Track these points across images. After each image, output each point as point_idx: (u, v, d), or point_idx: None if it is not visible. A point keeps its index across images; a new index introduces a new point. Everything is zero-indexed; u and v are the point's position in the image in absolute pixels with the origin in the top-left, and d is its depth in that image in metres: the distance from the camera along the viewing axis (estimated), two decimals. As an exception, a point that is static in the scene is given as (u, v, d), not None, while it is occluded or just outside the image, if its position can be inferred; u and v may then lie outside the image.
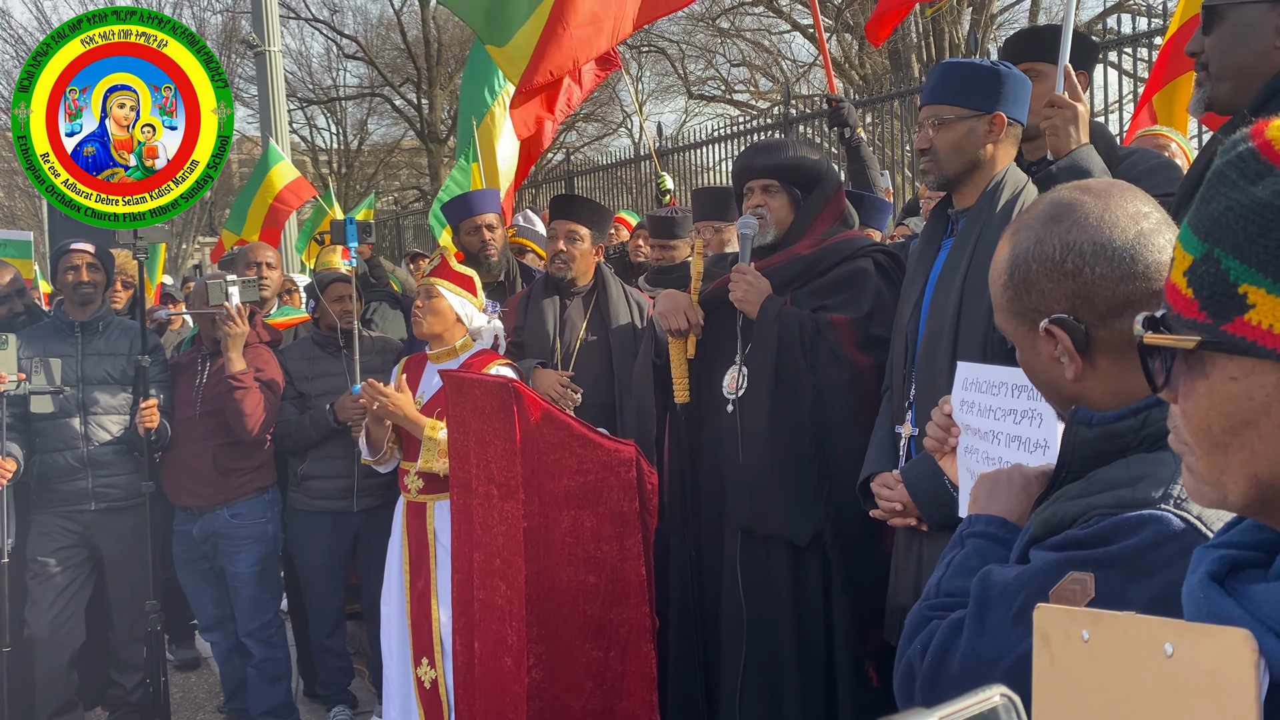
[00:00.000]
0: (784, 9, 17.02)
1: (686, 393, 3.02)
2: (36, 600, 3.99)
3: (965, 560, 1.32)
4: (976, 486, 1.41)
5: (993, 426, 1.64)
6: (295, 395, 4.16)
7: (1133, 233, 1.18)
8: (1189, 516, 1.06)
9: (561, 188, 11.82)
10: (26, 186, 26.88)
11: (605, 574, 3.03)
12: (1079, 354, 1.20)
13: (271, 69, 10.63)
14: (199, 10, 23.53)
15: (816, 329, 2.79)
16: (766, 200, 2.95)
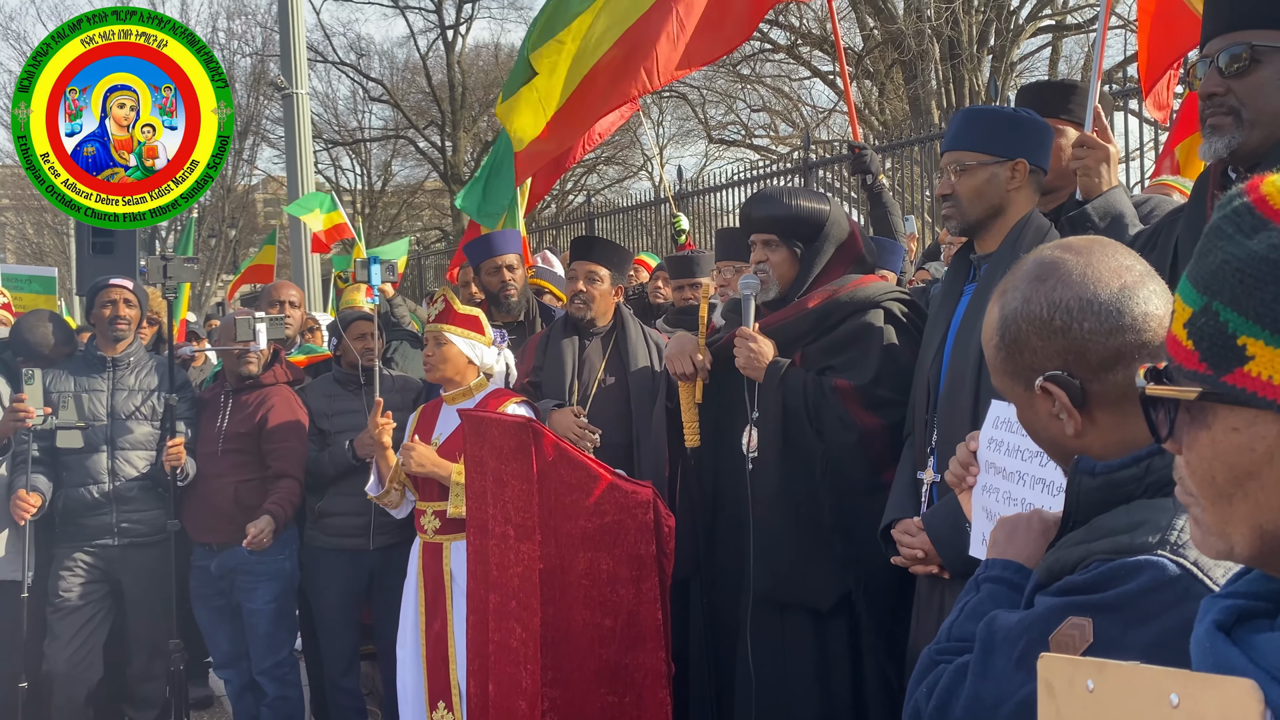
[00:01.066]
0: (805, 56, 17.18)
1: (697, 437, 3.01)
2: (56, 635, 3.99)
3: (979, 605, 1.33)
4: (996, 530, 1.42)
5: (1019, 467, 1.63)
6: (315, 432, 4.18)
7: (1116, 286, 1.20)
8: (1185, 562, 1.07)
9: (582, 229, 11.90)
10: (55, 224, 27.32)
11: (621, 617, 3.01)
12: (1077, 409, 1.21)
13: (299, 111, 10.81)
14: (229, 53, 23.98)
15: (821, 394, 2.75)
16: (767, 255, 2.91)
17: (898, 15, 14.43)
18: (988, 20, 14.30)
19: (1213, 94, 1.90)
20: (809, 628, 2.79)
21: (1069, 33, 15.68)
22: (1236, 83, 1.88)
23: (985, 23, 14.30)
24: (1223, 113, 1.90)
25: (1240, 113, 1.88)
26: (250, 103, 23.95)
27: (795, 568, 2.77)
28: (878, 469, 2.72)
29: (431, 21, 24.47)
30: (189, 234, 11.83)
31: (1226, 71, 1.88)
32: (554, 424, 3.51)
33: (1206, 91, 1.91)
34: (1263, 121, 1.87)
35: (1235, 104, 1.88)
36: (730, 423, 2.97)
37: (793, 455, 2.78)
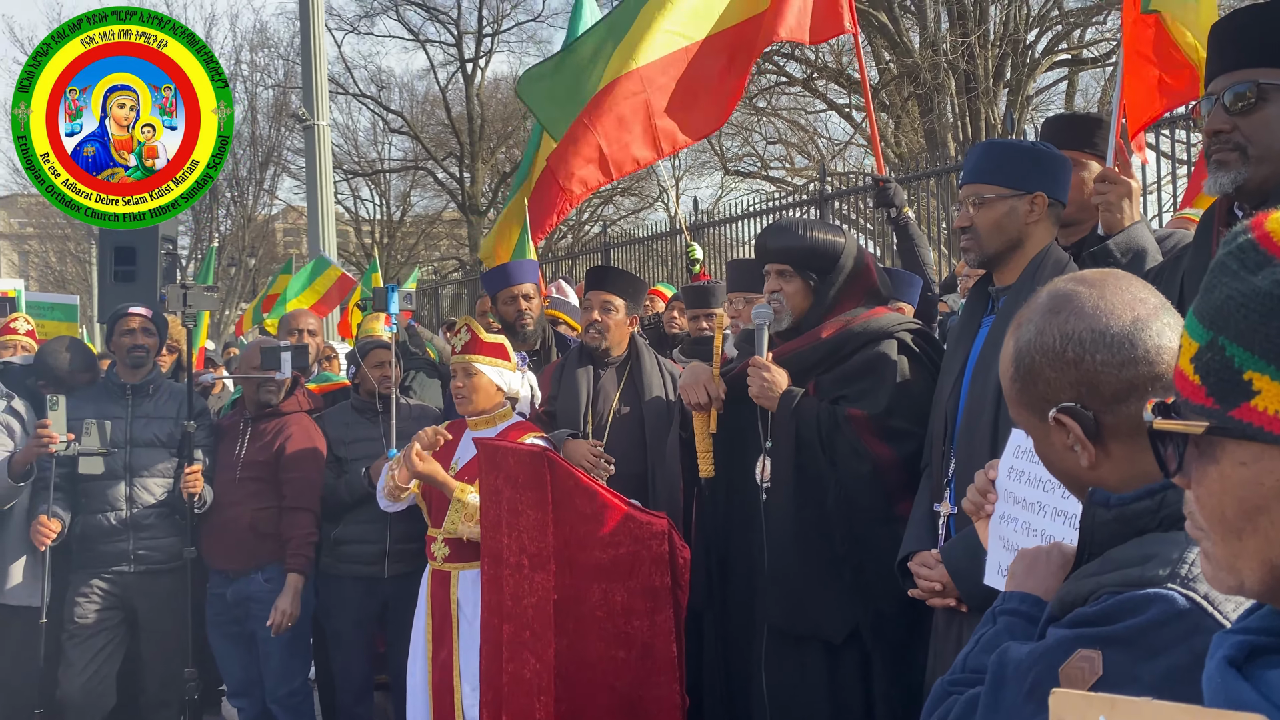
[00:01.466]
0: (820, 89, 17.28)
1: (711, 467, 3.00)
2: (71, 661, 3.99)
3: (995, 637, 1.32)
4: (1015, 562, 1.41)
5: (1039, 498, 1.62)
6: (332, 460, 4.19)
7: (1129, 318, 1.21)
8: (1195, 596, 1.06)
9: (598, 259, 11.95)
10: (78, 252, 27.65)
11: (636, 649, 2.99)
12: (1091, 441, 1.21)
13: (319, 142, 10.94)
14: (251, 85, 24.33)
15: (835, 424, 2.75)
16: (781, 285, 2.92)
17: (913, 49, 14.51)
18: (1004, 54, 14.36)
19: (1218, 131, 1.92)
20: (823, 659, 2.77)
21: (1085, 67, 15.73)
22: (1242, 120, 1.89)
23: (1001, 57, 14.36)
24: (1228, 149, 1.91)
25: (1246, 149, 1.89)
26: (272, 134, 24.26)
27: (808, 599, 2.76)
28: (891, 501, 2.71)
29: (451, 55, 24.79)
30: (209, 263, 11.93)
31: (1232, 109, 1.89)
32: (568, 453, 3.51)
33: (1212, 128, 1.92)
34: (1269, 158, 1.88)
35: (1241, 140, 1.89)
36: (744, 453, 2.97)
37: (806, 485, 2.78)
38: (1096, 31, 15.09)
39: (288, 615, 3.94)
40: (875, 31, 14.87)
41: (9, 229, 42.16)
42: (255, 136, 24.33)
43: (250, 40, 24.86)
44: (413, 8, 24.25)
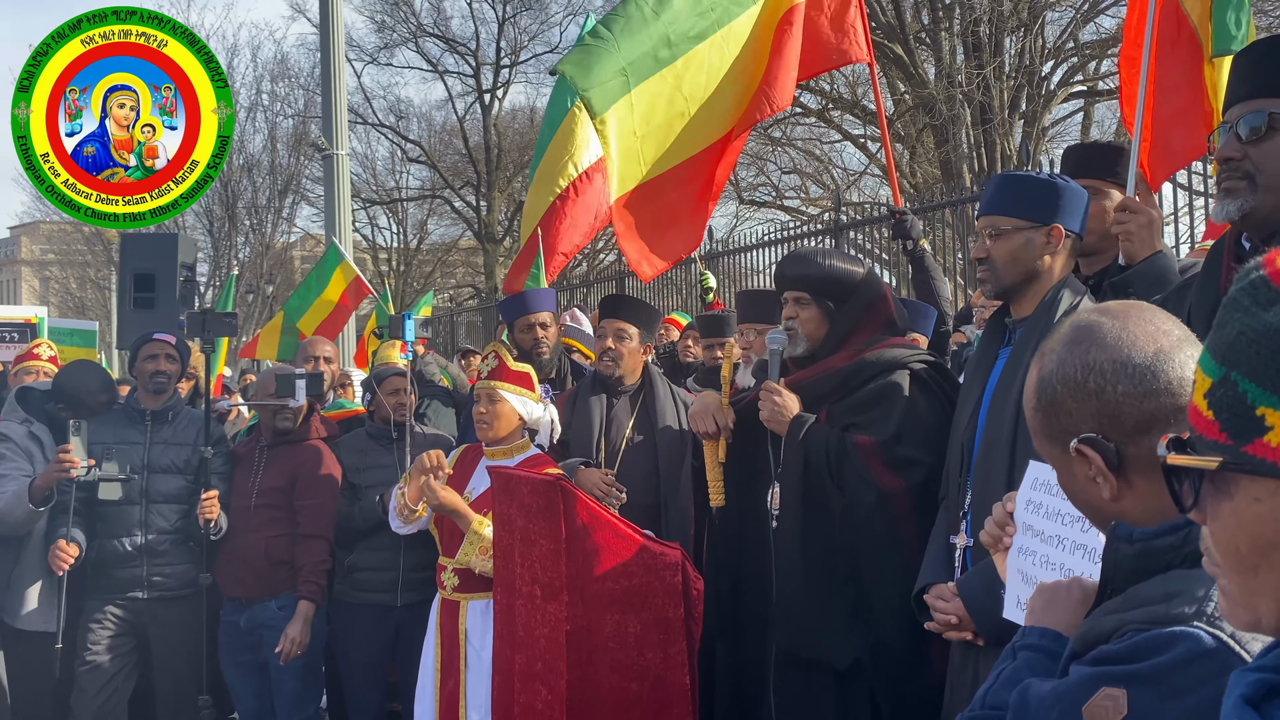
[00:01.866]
0: (835, 120, 17.36)
1: (721, 496, 3.01)
2: (83, 688, 3.98)
3: (1014, 673, 1.31)
4: (1034, 597, 1.40)
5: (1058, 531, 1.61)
6: (347, 487, 4.19)
7: (1152, 350, 1.20)
8: (1221, 635, 1.05)
9: (613, 287, 11.98)
10: (98, 279, 27.94)
11: (648, 682, 2.97)
12: (1112, 473, 1.21)
13: (338, 171, 11.03)
14: (272, 115, 24.63)
15: (843, 450, 2.75)
16: (798, 312, 2.93)
17: (929, 80, 14.57)
18: (1019, 86, 14.40)
19: (1229, 159, 1.91)
20: (830, 686, 2.76)
21: (1100, 99, 15.74)
22: (1254, 149, 1.89)
23: (1017, 88, 14.39)
24: (1238, 177, 1.91)
25: (1255, 178, 1.89)
26: (291, 162, 24.51)
27: (814, 625, 2.76)
28: (897, 529, 2.71)
29: (469, 85, 25.05)
30: (229, 291, 12.00)
31: (1245, 138, 1.89)
32: (581, 482, 3.50)
33: (1223, 156, 1.93)
34: (1276, 187, 1.87)
35: (1251, 169, 1.89)
36: (755, 481, 2.97)
37: (813, 511, 2.78)
38: (1112, 64, 15.11)
39: (297, 643, 3.93)
40: (891, 63, 14.95)
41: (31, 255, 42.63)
42: (275, 165, 24.60)
43: (271, 70, 25.20)
44: (432, 39, 24.57)
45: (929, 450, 2.71)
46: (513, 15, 24.21)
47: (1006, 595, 1.70)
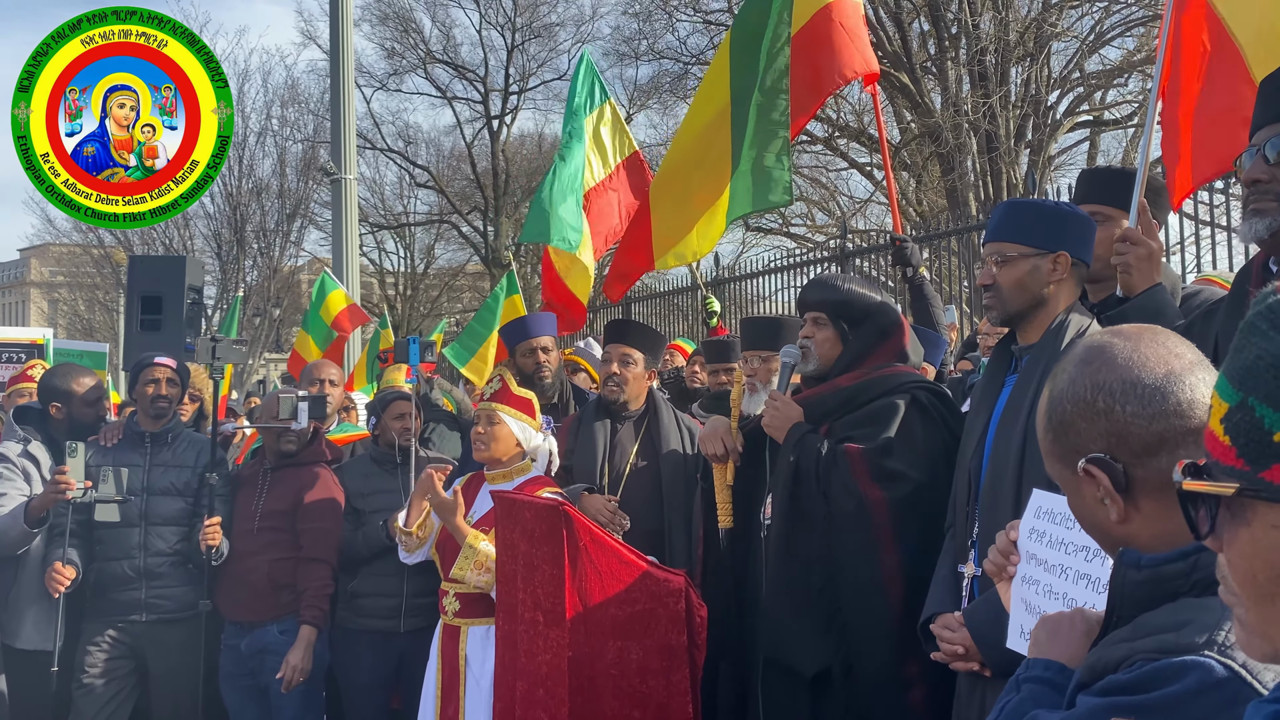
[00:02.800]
0: (841, 148, 17.43)
1: (730, 518, 3.04)
2: (81, 710, 3.96)
3: (1019, 706, 1.29)
4: (1037, 629, 1.39)
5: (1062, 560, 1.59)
6: (350, 511, 4.17)
7: (1162, 371, 1.20)
8: (1233, 664, 1.03)
9: (620, 313, 11.99)
10: (106, 301, 28.04)
11: (650, 709, 2.94)
12: (1120, 495, 1.20)
13: (346, 196, 11.08)
14: (281, 139, 24.80)
15: (833, 459, 2.78)
16: (815, 331, 2.98)
17: (935, 109, 14.64)
18: (1025, 115, 14.46)
19: (1256, 180, 1.90)
20: (808, 693, 2.77)
21: (1107, 128, 15.81)
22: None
23: (1023, 117, 14.45)
24: (1268, 199, 1.90)
25: None
26: (300, 187, 24.65)
27: (785, 630, 2.78)
28: (875, 542, 2.71)
29: (478, 111, 25.23)
30: (234, 313, 12.02)
31: (1273, 160, 1.88)
32: (584, 507, 3.49)
33: (1250, 178, 1.92)
34: None
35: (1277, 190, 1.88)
36: (754, 494, 3.01)
37: (798, 518, 2.81)
38: (1118, 94, 15.20)
39: (299, 670, 3.90)
40: (897, 92, 15.03)
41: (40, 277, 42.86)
42: (284, 189, 24.74)
43: (282, 96, 25.37)
44: (441, 66, 24.77)
45: (917, 468, 2.73)
46: (521, 43, 24.43)
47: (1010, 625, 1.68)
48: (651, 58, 19.22)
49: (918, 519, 2.70)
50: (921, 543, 2.67)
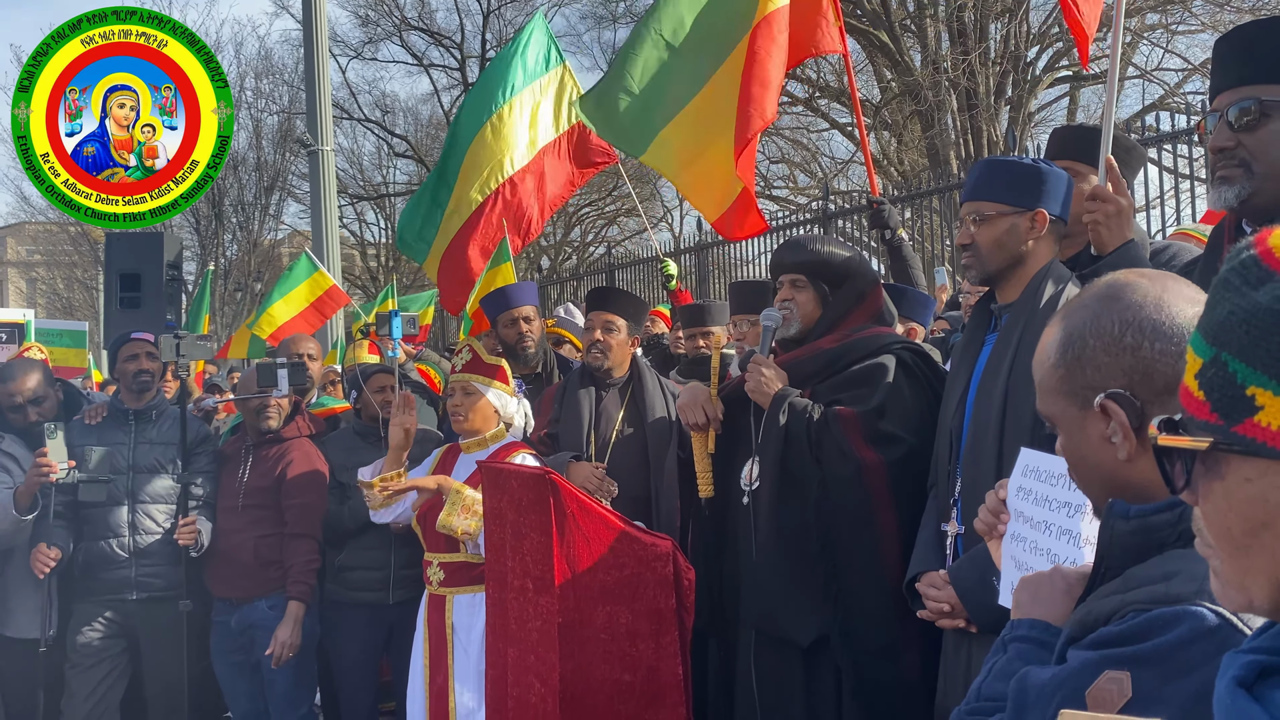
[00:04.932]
0: (822, 108, 17.35)
1: (710, 487, 3.02)
2: (73, 691, 3.96)
3: (1007, 665, 1.30)
4: (1019, 591, 1.40)
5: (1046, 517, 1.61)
6: (335, 485, 4.17)
7: (1190, 314, 1.20)
8: (1224, 612, 1.04)
9: (602, 281, 11.96)
10: (85, 279, 27.78)
11: (641, 673, 2.97)
12: (1133, 432, 1.19)
13: (324, 167, 10.97)
14: (256, 111, 24.49)
15: (824, 422, 2.77)
16: (793, 294, 2.96)
17: (914, 67, 14.56)
18: (1004, 72, 14.40)
19: (1223, 148, 1.91)
20: (800, 662, 2.78)
21: (1086, 83, 15.76)
22: (1246, 136, 1.88)
23: (1002, 74, 14.39)
24: (1233, 165, 1.90)
25: (1251, 166, 1.88)
26: (277, 159, 24.38)
27: (780, 600, 2.78)
28: (871, 506, 2.71)
29: (455, 79, 24.93)
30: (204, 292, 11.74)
31: (1236, 125, 1.88)
32: (572, 475, 3.49)
33: (1217, 145, 1.92)
34: (1275, 174, 1.86)
35: (1246, 157, 1.89)
36: (732, 460, 3.00)
37: (789, 484, 2.79)
38: (1097, 48, 15.12)
39: (288, 646, 3.91)
40: (876, 50, 14.94)
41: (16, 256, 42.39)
42: (260, 162, 24.46)
43: (255, 67, 25.01)
44: (416, 33, 24.43)
45: (909, 429, 2.73)
46: (497, 7, 24.10)
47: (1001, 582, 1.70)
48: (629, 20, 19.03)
49: (912, 481, 2.69)
50: (916, 506, 2.67)
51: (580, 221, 24.97)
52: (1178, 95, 14.04)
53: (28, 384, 4.09)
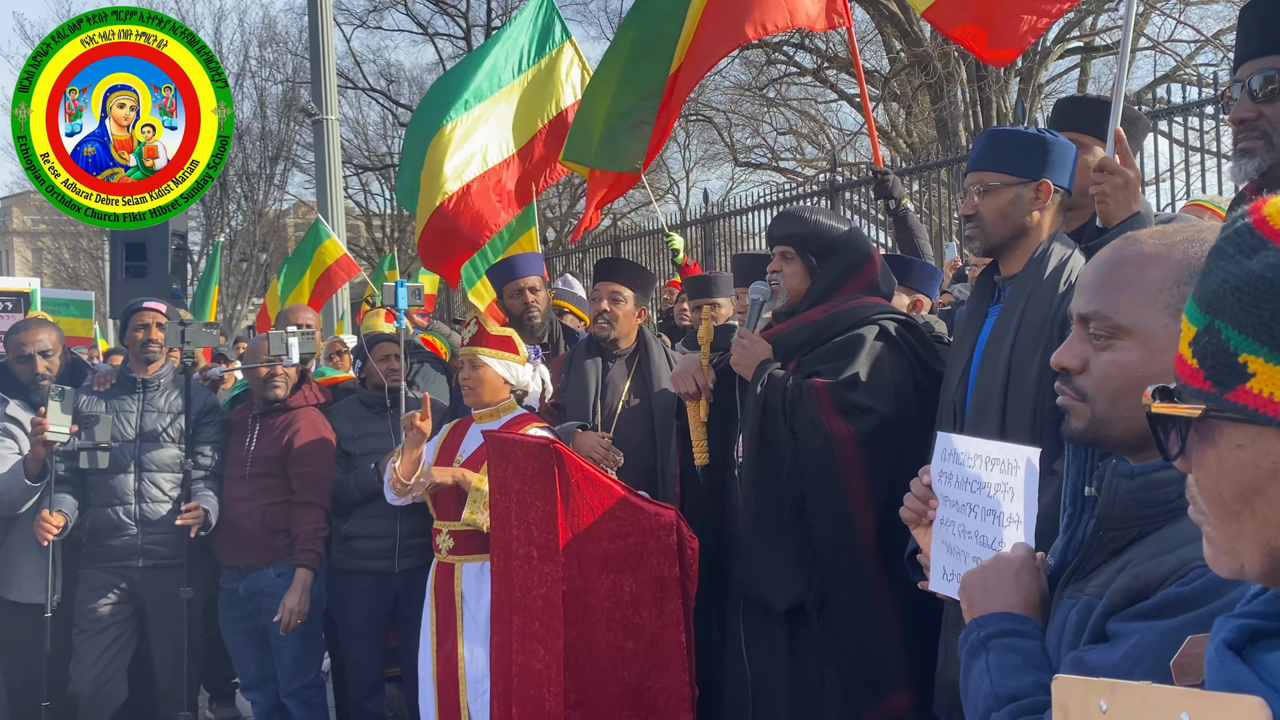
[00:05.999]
0: (830, 79, 17.21)
1: (705, 455, 3.06)
2: (82, 656, 4.01)
3: (1002, 660, 1.28)
4: (968, 588, 1.38)
5: (969, 499, 1.60)
6: (341, 455, 4.20)
7: None
8: None
9: (609, 252, 11.95)
10: (91, 248, 27.77)
11: (644, 640, 3.00)
12: None
13: (329, 137, 10.94)
14: (260, 80, 24.38)
15: (799, 394, 2.79)
16: (782, 266, 2.97)
17: (924, 38, 14.43)
18: (1015, 42, 14.24)
19: (1244, 119, 1.89)
20: (784, 629, 2.82)
21: (1097, 54, 15.61)
22: (1267, 107, 1.87)
23: (1012, 44, 14.23)
24: (1254, 137, 1.89)
25: (1272, 138, 1.87)
26: (281, 129, 24.29)
27: (760, 566, 2.83)
28: (841, 476, 2.73)
29: (460, 48, 24.74)
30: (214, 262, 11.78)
31: (1259, 95, 1.87)
32: (578, 446, 3.51)
33: (1238, 117, 1.91)
34: None
35: (1267, 128, 1.87)
36: (730, 432, 3.03)
37: (767, 454, 2.82)
38: (1109, 19, 14.98)
39: (295, 613, 3.95)
40: (886, 20, 14.79)
41: (22, 226, 42.39)
42: (265, 131, 24.36)
43: (259, 36, 24.87)
44: (421, 1, 24.25)
45: (884, 400, 2.74)
46: (502, -24, 23.89)
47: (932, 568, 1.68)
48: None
49: (886, 451, 2.71)
50: (892, 475, 2.68)
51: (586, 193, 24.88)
52: (1189, 67, 13.91)
53: (38, 335, 4.12)
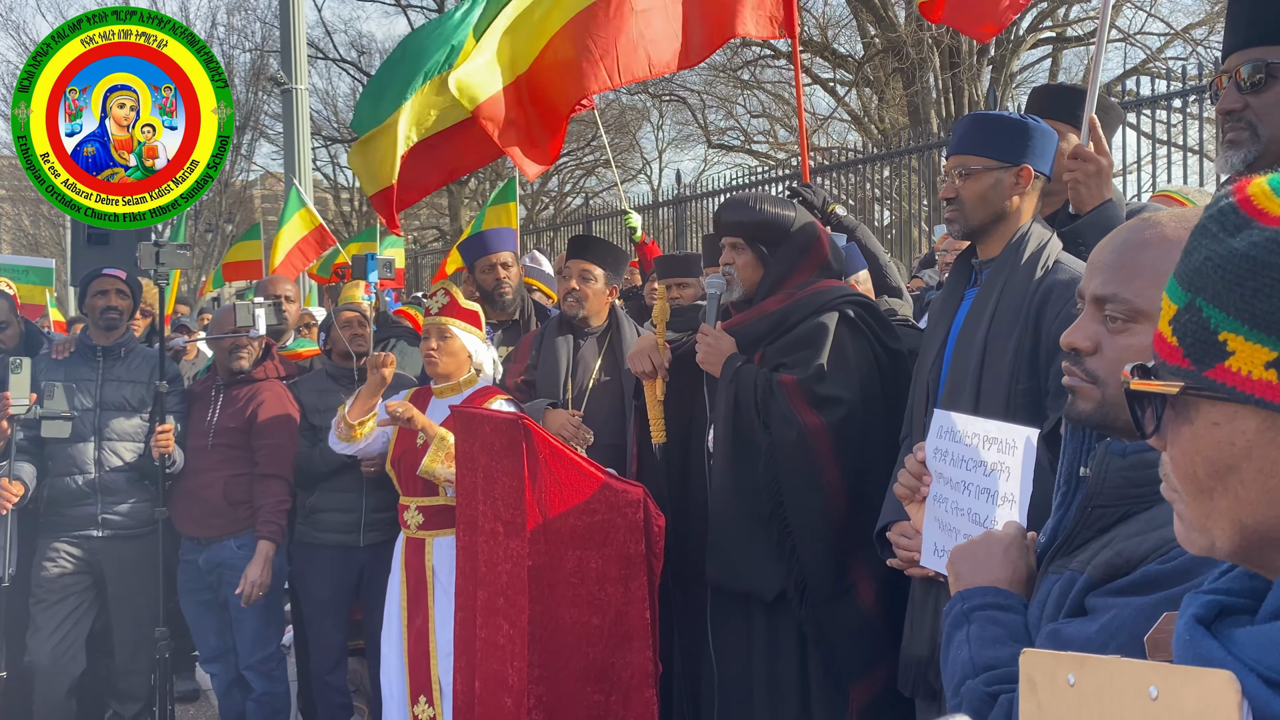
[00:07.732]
0: (804, 63, 17.20)
1: (663, 433, 3.09)
2: (39, 626, 3.95)
3: (984, 632, 1.29)
4: (957, 562, 1.40)
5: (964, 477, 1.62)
6: (306, 427, 4.15)
7: None
8: None
9: (580, 231, 11.89)
10: (51, 215, 27.21)
11: (609, 616, 3.00)
12: None
13: (298, 107, 10.77)
14: (228, 48, 23.95)
15: (769, 389, 2.81)
16: (734, 258, 2.97)
17: (898, 23, 14.45)
18: (988, 31, 14.30)
19: (1231, 110, 1.91)
20: (763, 618, 2.85)
21: (1069, 45, 15.72)
22: (1254, 98, 1.88)
23: (986, 33, 14.30)
24: (1240, 128, 1.90)
25: (1257, 128, 1.88)
26: (249, 98, 23.91)
27: (740, 558, 2.85)
28: (817, 467, 2.77)
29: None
30: (179, 230, 11.67)
31: (1246, 86, 1.88)
32: (548, 423, 3.50)
33: (1225, 108, 1.91)
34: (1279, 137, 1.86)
35: (1253, 119, 1.89)
36: (700, 423, 3.04)
37: (742, 448, 2.85)
38: (1081, 10, 15.09)
39: (257, 585, 3.91)
40: (861, 6, 14.80)
41: (-20, 191, 41.49)
42: (232, 100, 23.99)
43: (227, 3, 24.45)
44: (394, -28, 23.89)
45: (850, 388, 2.79)
46: (477, -51, 23.59)
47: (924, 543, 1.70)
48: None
49: (855, 437, 2.77)
50: (859, 459, 2.75)
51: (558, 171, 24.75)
52: (1159, 60, 14.05)
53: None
